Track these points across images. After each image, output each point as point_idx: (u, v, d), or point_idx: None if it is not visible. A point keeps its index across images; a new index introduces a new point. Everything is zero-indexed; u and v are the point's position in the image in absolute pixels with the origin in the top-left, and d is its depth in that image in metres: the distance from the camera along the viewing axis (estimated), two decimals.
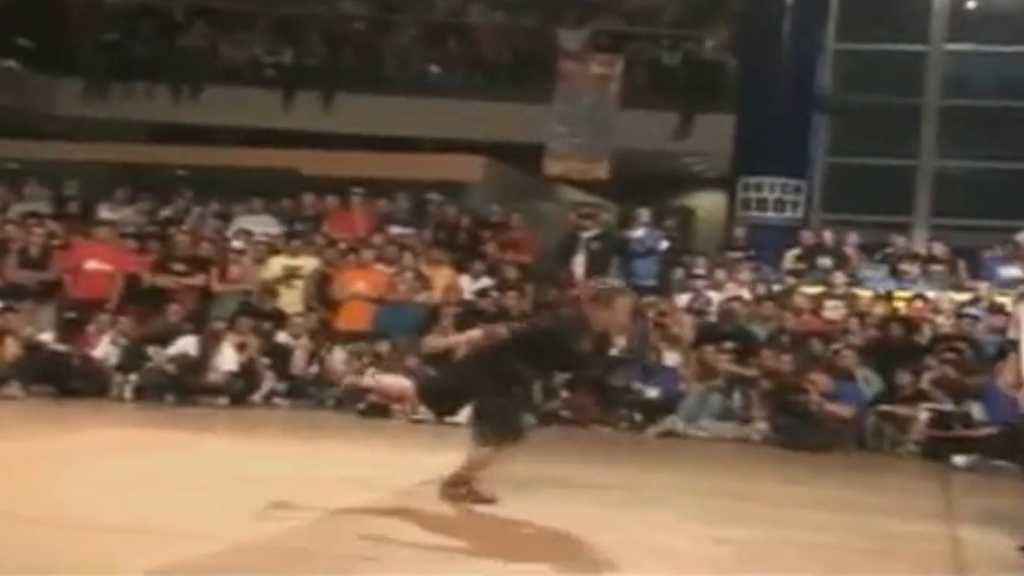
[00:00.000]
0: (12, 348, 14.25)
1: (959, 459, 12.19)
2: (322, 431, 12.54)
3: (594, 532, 7.29)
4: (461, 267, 16.20)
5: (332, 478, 8.61)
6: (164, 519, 7.12)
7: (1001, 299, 14.49)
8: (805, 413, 13.22)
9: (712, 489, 9.79)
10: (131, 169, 20.10)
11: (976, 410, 12.71)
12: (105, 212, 17.61)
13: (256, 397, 14.22)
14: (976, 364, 13.35)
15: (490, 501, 7.67)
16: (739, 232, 17.73)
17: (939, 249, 16.63)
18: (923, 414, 13.04)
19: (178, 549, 6.38)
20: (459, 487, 7.72)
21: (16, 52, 22.75)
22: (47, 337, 14.59)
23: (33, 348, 14.33)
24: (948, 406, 12.94)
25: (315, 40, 22.96)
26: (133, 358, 14.51)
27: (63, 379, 14.14)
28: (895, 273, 16.31)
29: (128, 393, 14.25)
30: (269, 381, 14.40)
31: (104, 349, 14.61)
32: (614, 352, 14.47)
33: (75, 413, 12.96)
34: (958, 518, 8.97)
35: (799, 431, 13.09)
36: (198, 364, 14.20)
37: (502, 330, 7.77)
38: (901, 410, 13.25)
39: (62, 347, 14.50)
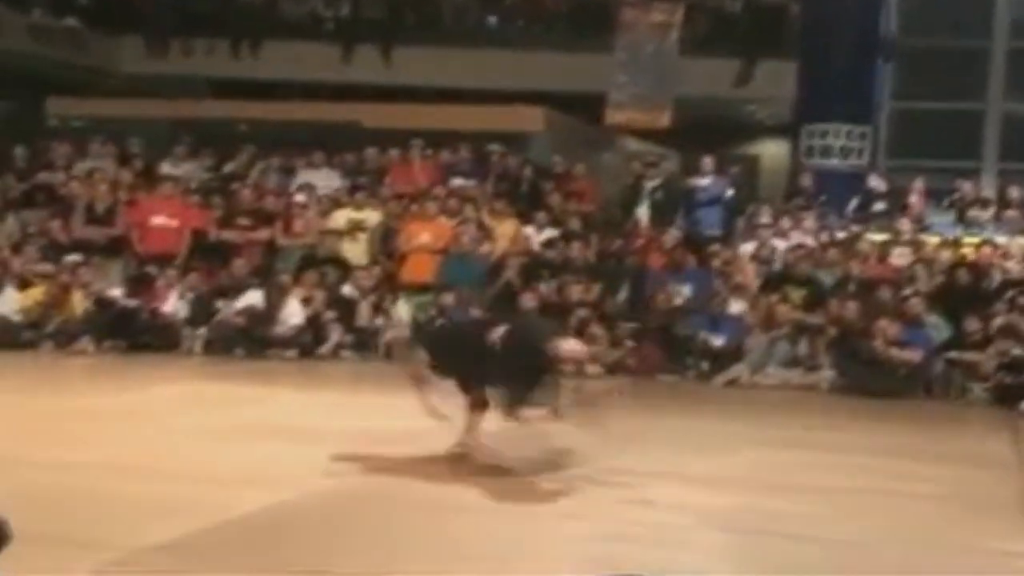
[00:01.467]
0: (82, 303, 14.41)
1: None
2: (388, 384, 12.57)
3: (656, 480, 7.35)
4: (524, 218, 16.17)
5: (395, 430, 8.64)
6: (235, 469, 7.22)
7: None
8: (872, 360, 13.15)
9: (780, 439, 9.76)
10: (193, 125, 20.17)
11: None
12: (168, 168, 17.70)
13: (323, 350, 14.30)
14: None
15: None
16: (805, 180, 17.57)
17: (1016, 193, 16.37)
18: (992, 360, 12.95)
19: (249, 496, 6.54)
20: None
21: (77, 10, 22.86)
22: (117, 292, 14.73)
23: (103, 303, 14.47)
24: (1018, 351, 12.83)
25: None
26: (202, 312, 14.62)
27: (133, 334, 14.29)
28: (963, 219, 16.13)
29: (198, 347, 14.38)
30: (336, 334, 14.46)
31: (173, 303, 14.73)
32: (679, 301, 14.52)
33: (146, 367, 13.12)
34: None
35: (866, 378, 13.02)
36: (266, 317, 14.29)
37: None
38: (970, 356, 13.14)
39: (132, 302, 14.62)
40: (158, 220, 15.70)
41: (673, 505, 6.80)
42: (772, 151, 22.96)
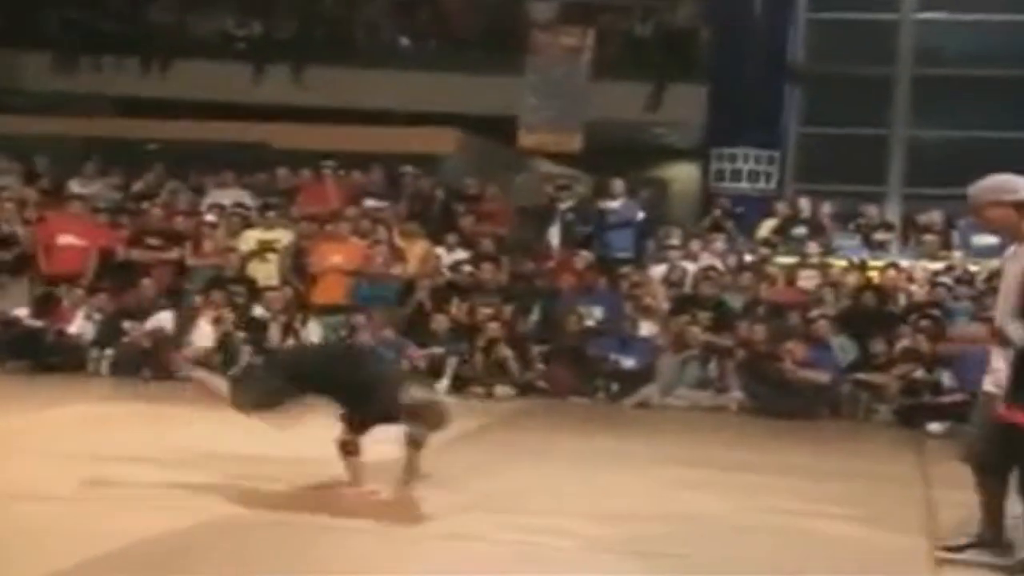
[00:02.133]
0: None
1: (934, 426, 12.28)
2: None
3: (568, 498, 7.38)
4: (436, 240, 16.17)
5: (301, 455, 8.59)
6: (131, 490, 7.12)
7: (974, 268, 14.61)
8: (780, 381, 13.30)
9: (687, 458, 9.83)
10: (102, 143, 19.96)
11: (947, 377, 12.81)
12: (76, 187, 17.50)
13: (233, 371, 14.17)
14: (948, 332, 13.47)
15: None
16: (723, 204, 17.63)
17: (922, 217, 16.62)
18: (896, 382, 13.14)
19: (143, 519, 6.48)
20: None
21: None
22: (22, 312, 14.53)
23: (8, 324, 14.29)
24: (919, 374, 13.03)
25: (285, 12, 22.85)
26: (109, 333, 14.46)
27: (39, 355, 14.11)
28: (868, 242, 16.37)
29: (105, 368, 14.22)
30: (246, 355, 14.36)
31: (80, 324, 14.56)
32: (590, 323, 14.60)
33: (51, 388, 12.91)
34: (932, 483, 9.04)
35: (775, 399, 13.16)
36: (175, 339, 14.17)
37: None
38: (876, 378, 13.33)
39: (37, 322, 14.44)
40: (65, 239, 15.52)
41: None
42: (682, 174, 23.14)
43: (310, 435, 7.58)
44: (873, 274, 15.20)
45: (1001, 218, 6.30)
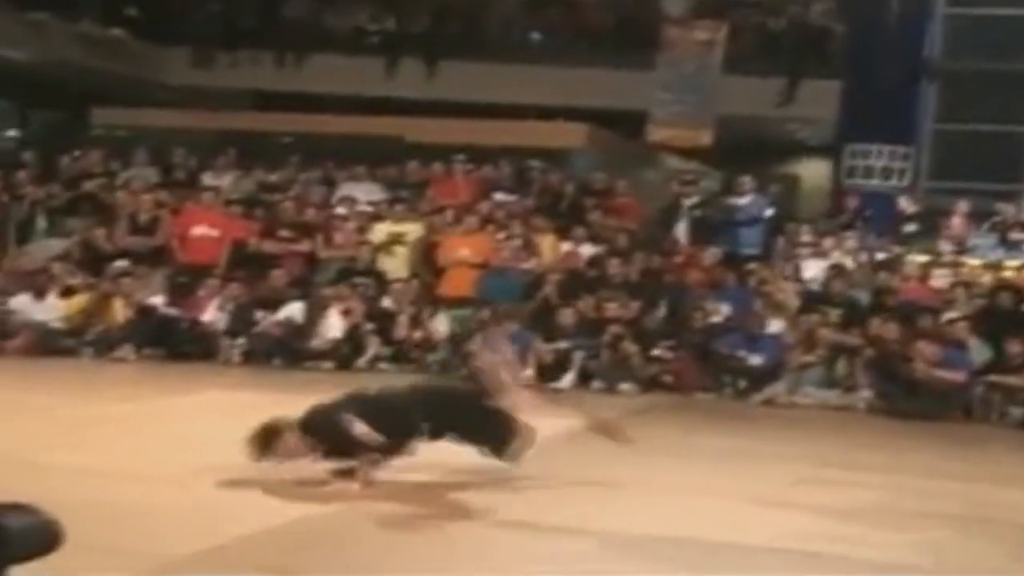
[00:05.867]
0: (124, 312, 14.52)
1: None
2: None
3: (700, 498, 7.34)
4: (564, 234, 16.18)
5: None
6: (258, 478, 7.24)
7: None
8: (911, 381, 13.08)
9: (816, 457, 9.73)
10: (237, 136, 20.32)
11: None
12: (210, 179, 17.83)
13: (361, 362, 14.35)
14: None
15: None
16: (851, 202, 17.41)
17: None
18: None
19: (266, 505, 6.60)
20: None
21: (124, 21, 23.07)
22: (157, 301, 14.85)
23: (144, 312, 14.60)
24: None
25: (418, 7, 23.04)
26: (241, 322, 14.72)
27: (173, 342, 14.44)
28: (1004, 241, 16.05)
29: (236, 357, 14.47)
30: (374, 346, 14.52)
31: (213, 313, 14.84)
32: (718, 319, 14.50)
33: (185, 376, 13.19)
34: None
35: (905, 399, 12.96)
36: (305, 330, 14.38)
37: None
38: (1010, 379, 13.06)
39: (172, 311, 14.76)
40: (199, 230, 15.83)
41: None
42: (813, 171, 22.91)
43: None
44: (1009, 273, 14.91)
45: None
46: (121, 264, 15.06)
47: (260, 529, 6.08)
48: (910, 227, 16.16)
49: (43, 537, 2.91)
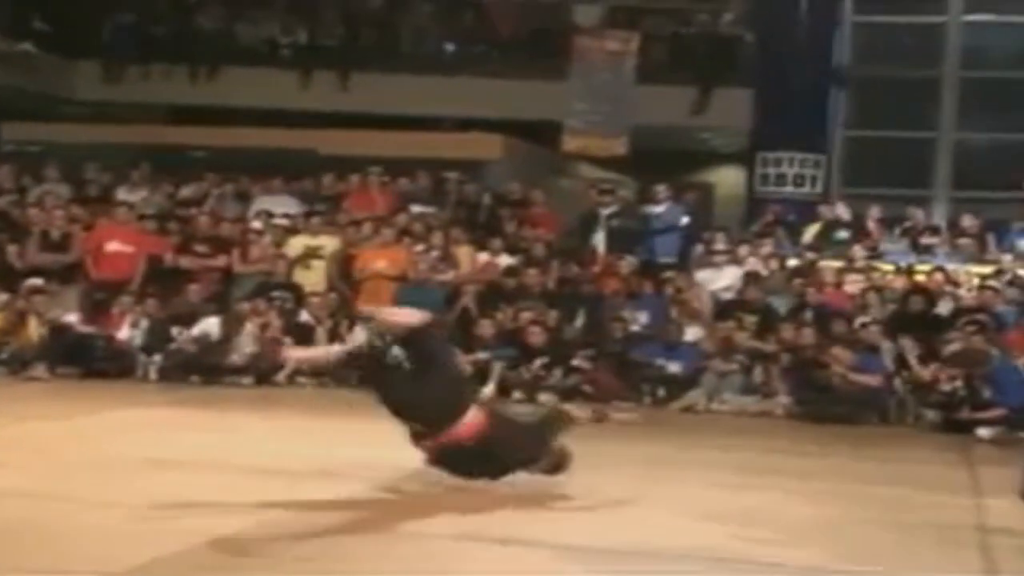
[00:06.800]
0: (38, 330, 14.33)
1: (983, 431, 12.20)
2: (342, 410, 12.54)
3: (615, 504, 7.40)
4: (481, 245, 16.20)
5: (346, 459, 8.66)
6: (174, 496, 7.20)
7: (1022, 271, 14.53)
8: (827, 386, 13.23)
9: (733, 463, 9.81)
10: (150, 150, 20.12)
11: (986, 392, 12.68)
12: (124, 194, 17.64)
13: (280, 377, 14.26)
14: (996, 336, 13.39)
15: None
16: (775, 209, 17.55)
17: (968, 221, 16.58)
18: (945, 386, 13.04)
19: (186, 524, 6.53)
20: None
21: (33, 35, 22.75)
22: (72, 319, 14.67)
23: (58, 330, 14.41)
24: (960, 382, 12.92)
25: (331, 19, 22.99)
26: (157, 339, 14.57)
27: (89, 360, 14.24)
28: (916, 246, 16.29)
29: (153, 374, 14.33)
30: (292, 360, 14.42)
31: (128, 330, 14.68)
32: (636, 328, 14.58)
33: (101, 394, 13.03)
34: (981, 490, 8.98)
35: (822, 404, 13.10)
36: (221, 345, 14.27)
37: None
38: (923, 373, 13.23)
39: (87, 329, 14.58)
40: (113, 246, 15.65)
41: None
42: (728, 179, 23.10)
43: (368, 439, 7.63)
44: (920, 278, 15.14)
45: None
46: (34, 281, 14.87)
47: (178, 550, 6.01)
48: (842, 233, 16.34)
49: None
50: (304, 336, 14.59)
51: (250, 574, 5.67)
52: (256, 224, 16.54)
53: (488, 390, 13.46)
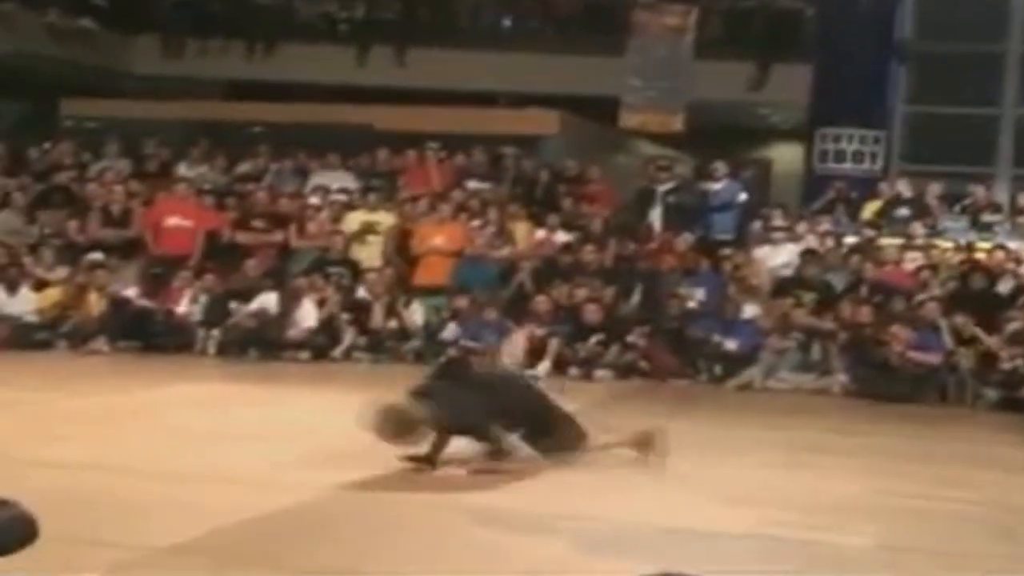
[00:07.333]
0: (98, 304, 14.47)
1: None
2: (400, 385, 12.56)
3: (672, 485, 7.36)
4: (538, 221, 16.18)
5: None
6: (235, 469, 7.24)
7: None
8: (885, 364, 13.14)
9: (789, 442, 9.76)
10: (208, 126, 20.22)
11: None
12: (183, 169, 17.76)
13: (336, 352, 14.33)
14: None
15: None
16: (838, 186, 17.40)
17: None
18: (1006, 365, 12.94)
19: (244, 497, 6.59)
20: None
21: (91, 10, 22.91)
22: (131, 293, 14.79)
23: (118, 304, 14.54)
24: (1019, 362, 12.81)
25: None
26: (216, 313, 14.67)
27: (148, 335, 14.38)
28: (976, 224, 16.12)
29: (212, 348, 14.44)
30: (349, 336, 14.50)
31: (187, 305, 14.79)
32: (692, 305, 14.53)
33: (160, 368, 13.15)
34: None
35: (880, 382, 13.01)
36: (279, 320, 14.35)
37: None
38: (990, 341, 13.12)
39: (146, 303, 14.70)
40: (172, 221, 15.77)
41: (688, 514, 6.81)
42: (786, 155, 22.95)
43: None
44: (980, 255, 14.99)
45: None
46: (95, 256, 15.02)
47: (237, 521, 6.05)
48: (902, 211, 16.18)
49: (19, 531, 2.90)
50: (362, 312, 14.65)
51: (306, 549, 5.69)
52: (313, 200, 16.61)
53: (544, 366, 13.46)
